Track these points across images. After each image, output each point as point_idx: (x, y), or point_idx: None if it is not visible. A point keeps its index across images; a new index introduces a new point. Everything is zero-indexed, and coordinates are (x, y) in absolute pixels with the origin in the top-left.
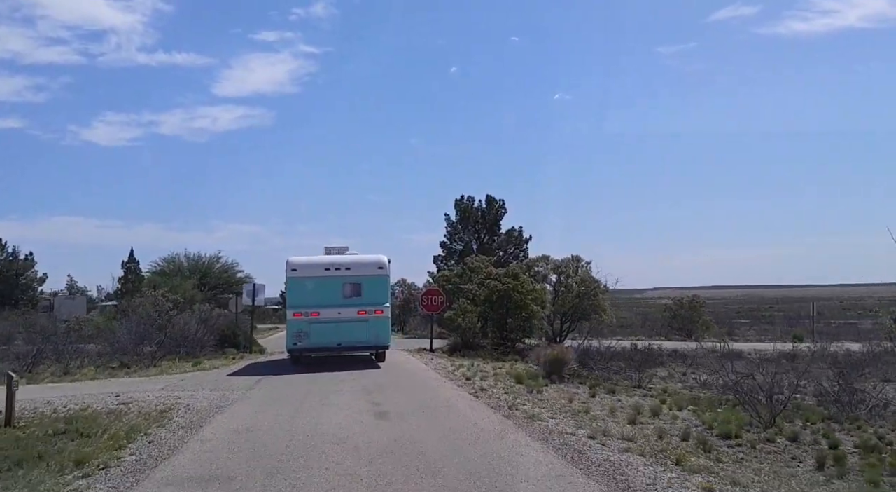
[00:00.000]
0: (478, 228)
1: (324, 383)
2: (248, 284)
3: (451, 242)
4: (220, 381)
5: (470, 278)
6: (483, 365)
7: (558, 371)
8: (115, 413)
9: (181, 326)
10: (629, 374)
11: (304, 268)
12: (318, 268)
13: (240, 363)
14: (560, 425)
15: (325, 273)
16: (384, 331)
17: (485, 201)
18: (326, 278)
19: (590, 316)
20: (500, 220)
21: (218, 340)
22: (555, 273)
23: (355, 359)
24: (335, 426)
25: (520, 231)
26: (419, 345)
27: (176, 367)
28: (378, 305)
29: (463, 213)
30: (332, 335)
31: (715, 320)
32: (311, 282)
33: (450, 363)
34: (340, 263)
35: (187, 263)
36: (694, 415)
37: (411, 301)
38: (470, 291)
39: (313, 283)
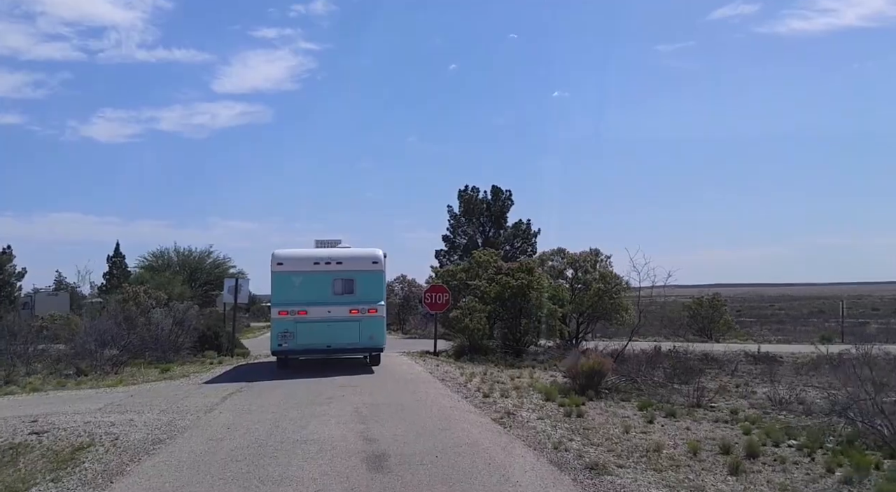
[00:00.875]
0: (483, 221)
1: (306, 401)
2: (229, 280)
3: (454, 235)
4: (179, 397)
5: (477, 274)
6: (497, 373)
7: (595, 385)
8: (14, 451)
9: (153, 326)
10: (675, 386)
11: (290, 262)
12: (306, 262)
13: (215, 370)
14: (643, 486)
15: (313, 268)
16: (379, 332)
17: (490, 192)
18: (315, 274)
19: (610, 316)
20: (507, 212)
21: (197, 342)
22: (572, 268)
23: (347, 363)
24: (308, 487)
25: (528, 224)
26: (420, 346)
27: (140, 374)
28: (372, 303)
29: (467, 204)
30: (321, 336)
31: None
32: (298, 277)
33: (459, 371)
34: (331, 257)
35: (177, 257)
36: (804, 455)
37: (411, 299)
38: (478, 288)
39: (301, 278)
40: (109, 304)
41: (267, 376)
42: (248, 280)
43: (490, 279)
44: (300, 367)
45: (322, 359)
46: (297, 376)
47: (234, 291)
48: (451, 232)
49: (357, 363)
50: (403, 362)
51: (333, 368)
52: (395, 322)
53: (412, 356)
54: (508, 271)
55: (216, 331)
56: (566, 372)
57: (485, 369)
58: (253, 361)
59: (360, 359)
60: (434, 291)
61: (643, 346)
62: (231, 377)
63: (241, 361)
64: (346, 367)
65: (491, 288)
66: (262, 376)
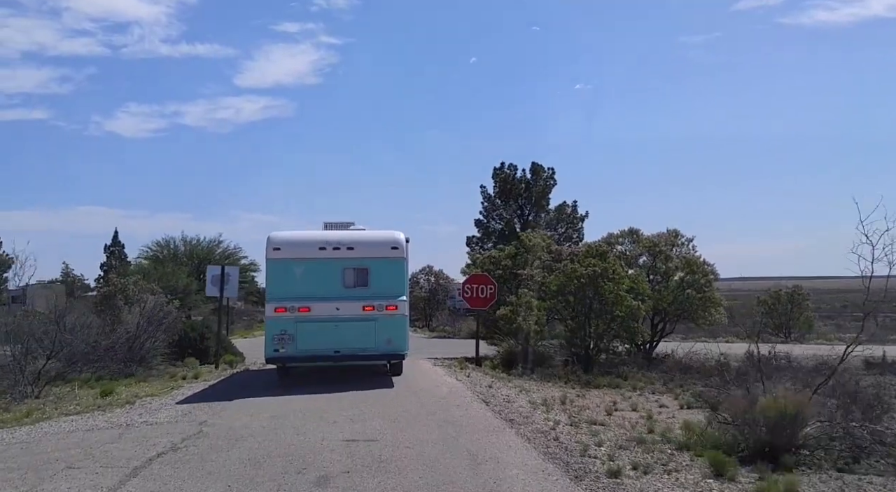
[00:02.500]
0: (521, 203)
1: (296, 455)
2: (212, 268)
3: (487, 219)
4: (53, 470)
5: (526, 261)
6: (580, 400)
7: (787, 442)
8: None
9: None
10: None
11: (289, 246)
12: (309, 247)
13: (183, 389)
14: None
15: (318, 254)
16: (400, 334)
17: (529, 170)
18: (321, 261)
19: (697, 314)
20: (549, 193)
21: (175, 347)
22: (649, 253)
23: (361, 374)
24: None
25: (573, 206)
26: (451, 349)
27: (66, 399)
28: (391, 298)
29: (503, 184)
30: (328, 339)
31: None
32: (299, 266)
33: (520, 394)
34: (340, 241)
35: (185, 247)
36: None
37: (438, 292)
38: (531, 279)
39: (302, 267)
40: (84, 300)
41: (254, 392)
42: (236, 269)
43: (546, 267)
44: (299, 379)
45: (330, 367)
46: (292, 394)
47: (220, 282)
48: (485, 216)
49: (373, 373)
50: (436, 376)
51: (341, 381)
52: (420, 318)
53: (446, 366)
54: (571, 256)
55: (202, 332)
56: (730, 417)
57: (562, 394)
58: (240, 372)
59: (377, 367)
60: (475, 283)
61: (718, 348)
62: (200, 398)
63: (227, 372)
64: (360, 380)
65: (553, 279)
66: (246, 392)
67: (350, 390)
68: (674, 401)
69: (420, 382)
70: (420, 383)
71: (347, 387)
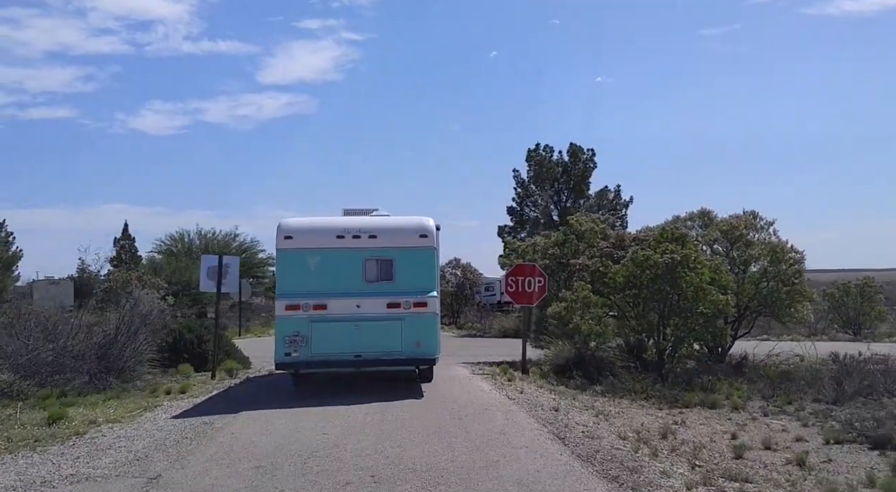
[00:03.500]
0: (558, 188)
1: None
2: (208, 257)
3: (521, 206)
4: None
5: (577, 249)
6: (679, 426)
7: None
8: None
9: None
10: None
11: (303, 235)
12: (325, 235)
13: (159, 410)
14: None
15: (336, 243)
16: (429, 336)
17: (567, 153)
18: (339, 252)
19: (783, 310)
20: (589, 176)
21: (169, 351)
22: (726, 239)
23: (386, 379)
24: None
25: (616, 191)
26: (484, 349)
27: (5, 426)
28: (420, 293)
29: (538, 168)
30: (347, 342)
31: None
32: (314, 257)
33: (600, 423)
34: (361, 229)
35: (199, 241)
36: None
37: (466, 286)
38: (586, 270)
39: (318, 258)
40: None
41: (249, 420)
42: (237, 259)
43: (606, 255)
44: (314, 388)
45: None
46: (297, 414)
47: (218, 275)
48: (518, 203)
49: (398, 380)
50: (480, 392)
51: (362, 392)
52: (447, 314)
53: (488, 375)
54: (636, 241)
55: (199, 334)
56: None
57: (655, 422)
58: (240, 383)
59: (403, 372)
60: (520, 274)
61: (804, 350)
62: (171, 430)
63: (224, 383)
64: (383, 389)
65: (619, 269)
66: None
67: (370, 402)
68: (804, 428)
69: (462, 401)
70: (463, 404)
71: (365, 396)
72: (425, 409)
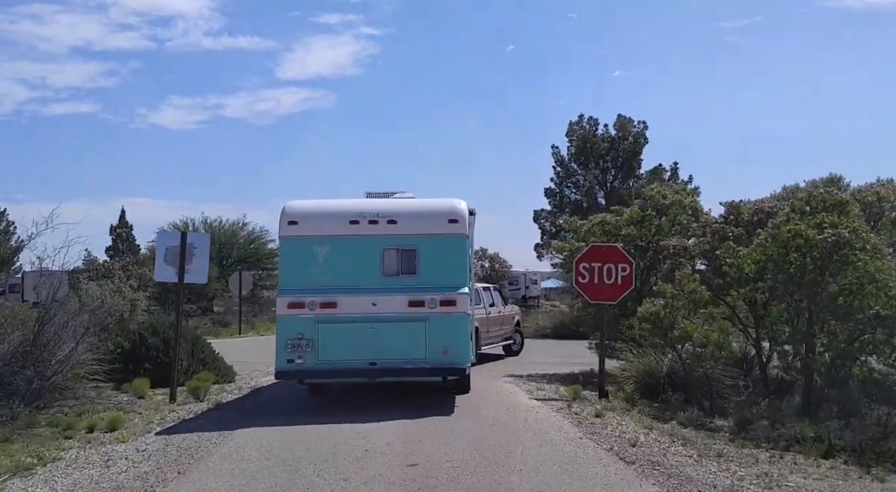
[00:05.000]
0: (604, 166)
1: None
2: (166, 235)
3: (560, 187)
4: None
5: (659, 229)
6: None
7: None
8: None
9: None
10: None
11: (310, 220)
12: (336, 220)
13: (40, 475)
14: None
15: (349, 230)
16: (459, 340)
17: (614, 125)
18: (352, 240)
19: None
20: (640, 153)
21: (123, 362)
22: (868, 214)
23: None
24: None
25: (674, 170)
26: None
27: None
28: (448, 289)
29: (580, 143)
30: (361, 347)
31: None
32: (322, 245)
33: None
34: (379, 212)
35: (204, 230)
36: None
37: (495, 279)
38: (687, 253)
39: (327, 247)
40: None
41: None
42: (206, 236)
43: (717, 234)
44: (322, 404)
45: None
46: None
47: (180, 259)
48: (557, 184)
49: (426, 392)
50: (543, 423)
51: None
52: None
53: (547, 399)
54: (761, 214)
55: (166, 338)
56: None
57: None
58: (211, 407)
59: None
60: (597, 259)
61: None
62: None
63: (187, 408)
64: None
65: (750, 253)
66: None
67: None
68: None
69: (534, 458)
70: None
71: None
72: (478, 475)
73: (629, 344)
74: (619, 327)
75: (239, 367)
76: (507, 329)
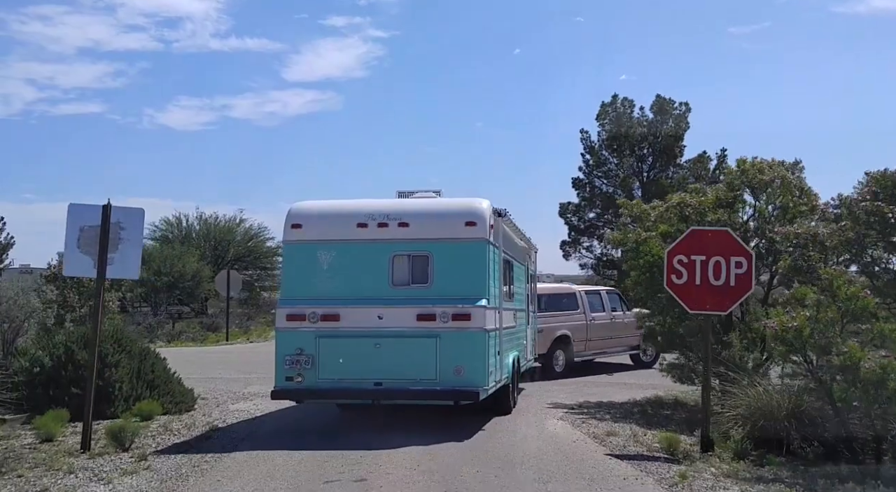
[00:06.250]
0: (641, 154)
1: None
2: (79, 208)
3: (588, 177)
4: None
5: (758, 213)
6: None
7: None
8: None
9: None
10: None
11: (315, 222)
12: (342, 222)
13: None
14: None
15: (356, 234)
16: (475, 359)
17: (651, 108)
18: (359, 245)
19: None
20: (682, 139)
21: (39, 387)
22: None
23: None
24: None
25: (721, 158)
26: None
27: None
28: (462, 301)
29: (614, 127)
30: (365, 365)
31: None
32: (327, 251)
33: None
34: (390, 214)
35: (199, 226)
36: None
37: None
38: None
39: (332, 253)
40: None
41: None
42: (140, 212)
43: (874, 215)
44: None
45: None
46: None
47: (100, 245)
48: (586, 173)
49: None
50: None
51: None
52: None
53: (629, 453)
54: None
55: (102, 354)
56: None
57: None
58: (163, 448)
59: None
60: (699, 251)
61: None
62: None
63: (102, 465)
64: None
65: None
66: None
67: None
68: None
69: None
70: None
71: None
72: None
73: (726, 367)
74: (688, 341)
75: (209, 386)
76: (630, 337)
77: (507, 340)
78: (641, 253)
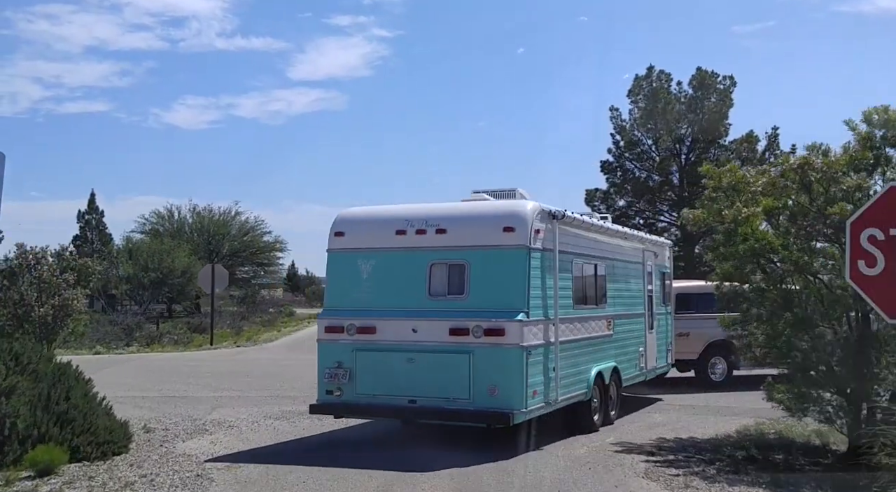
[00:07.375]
0: (680, 134)
1: None
2: None
3: (619, 160)
4: None
5: None
6: None
7: None
8: None
9: None
10: None
11: (357, 230)
12: (381, 229)
13: None
14: None
15: (395, 241)
16: (510, 378)
17: (690, 83)
18: (398, 253)
19: None
20: (726, 116)
21: None
22: None
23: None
24: None
25: (772, 138)
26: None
27: None
28: (498, 314)
29: (650, 103)
30: (399, 381)
31: None
32: (367, 259)
33: None
34: (428, 219)
35: (193, 219)
36: None
37: None
38: None
39: (372, 262)
40: None
41: None
42: (1, 157)
43: None
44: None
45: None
46: None
47: None
48: (616, 156)
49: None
50: None
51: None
52: None
53: None
54: None
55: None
56: None
57: None
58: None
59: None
60: (893, 221)
61: None
62: None
63: None
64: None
65: None
66: None
67: None
68: None
69: None
70: None
71: None
72: None
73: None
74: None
75: (164, 410)
76: None
77: (586, 351)
78: (742, 236)
